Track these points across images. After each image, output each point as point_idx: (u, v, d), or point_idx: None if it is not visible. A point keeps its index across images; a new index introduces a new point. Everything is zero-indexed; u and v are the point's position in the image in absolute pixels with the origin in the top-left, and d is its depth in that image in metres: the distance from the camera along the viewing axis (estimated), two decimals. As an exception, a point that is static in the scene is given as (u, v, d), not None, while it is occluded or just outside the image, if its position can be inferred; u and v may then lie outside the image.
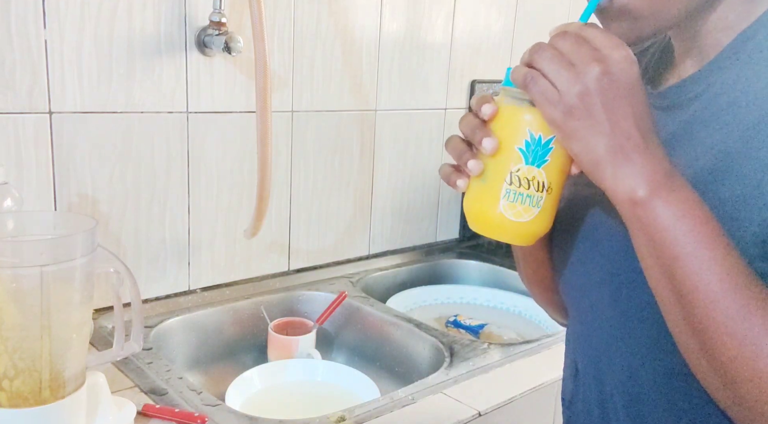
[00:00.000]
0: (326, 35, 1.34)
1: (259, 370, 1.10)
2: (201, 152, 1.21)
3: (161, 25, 1.12)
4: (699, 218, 0.48)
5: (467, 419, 0.91)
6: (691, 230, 0.48)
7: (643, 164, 0.49)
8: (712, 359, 0.48)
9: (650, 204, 0.48)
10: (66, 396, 0.72)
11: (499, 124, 0.55)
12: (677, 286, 0.48)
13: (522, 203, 0.54)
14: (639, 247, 0.51)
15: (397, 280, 1.52)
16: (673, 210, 0.48)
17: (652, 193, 0.48)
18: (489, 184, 0.55)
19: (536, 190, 0.54)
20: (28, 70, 1.01)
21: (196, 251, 1.25)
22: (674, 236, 0.48)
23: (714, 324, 0.47)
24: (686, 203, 0.48)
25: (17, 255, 0.68)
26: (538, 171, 0.54)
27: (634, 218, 0.50)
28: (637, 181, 0.48)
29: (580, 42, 0.49)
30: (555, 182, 0.54)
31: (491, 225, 0.56)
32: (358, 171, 1.47)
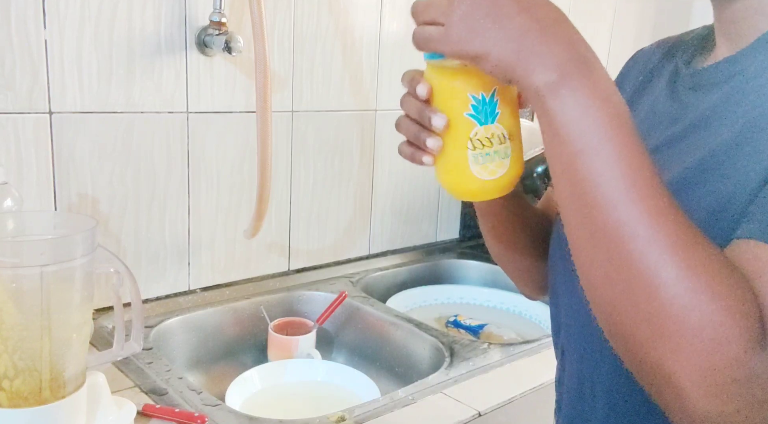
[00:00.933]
0: (326, 35, 1.34)
1: (259, 370, 1.10)
2: (201, 152, 1.21)
3: (161, 25, 1.12)
4: (609, 111, 0.45)
5: (467, 419, 0.91)
6: (597, 124, 0.44)
7: (549, 53, 0.46)
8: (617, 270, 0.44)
9: (555, 95, 0.45)
10: (66, 396, 0.72)
11: (439, 98, 0.55)
12: (578, 186, 0.45)
13: (492, 161, 0.54)
14: (546, 146, 0.48)
15: (397, 280, 1.52)
16: (580, 101, 0.45)
17: (558, 84, 0.45)
18: (454, 155, 0.55)
19: (500, 143, 0.54)
20: (28, 70, 1.01)
21: (196, 251, 1.25)
22: (578, 129, 0.45)
23: (617, 228, 0.43)
24: (595, 95, 0.45)
25: (17, 255, 0.68)
26: (494, 126, 0.54)
27: (541, 112, 0.47)
28: (545, 73, 0.46)
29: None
30: (513, 126, 0.55)
31: (471, 190, 0.56)
32: (358, 171, 1.47)
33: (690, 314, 0.41)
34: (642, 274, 0.43)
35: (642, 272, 0.42)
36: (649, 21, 2.09)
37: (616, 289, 0.44)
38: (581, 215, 0.46)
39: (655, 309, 0.42)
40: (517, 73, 0.47)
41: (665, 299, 0.42)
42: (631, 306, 0.43)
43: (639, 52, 0.75)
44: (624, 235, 0.43)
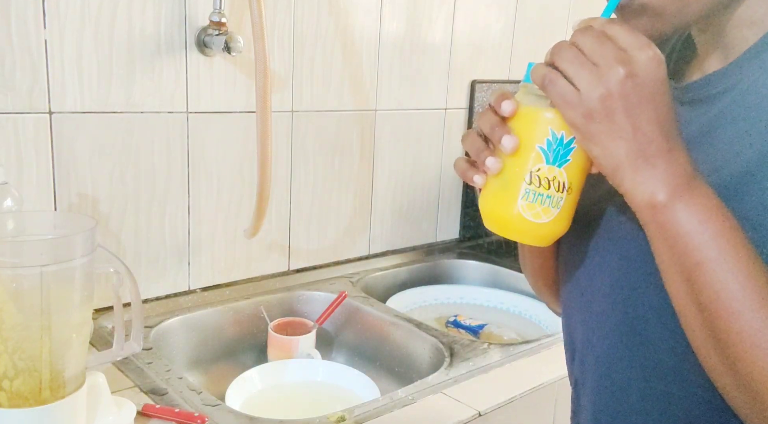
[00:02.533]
0: (326, 35, 1.34)
1: (259, 370, 1.10)
2: (201, 152, 1.21)
3: (161, 25, 1.12)
4: (722, 223, 0.47)
5: (467, 419, 0.91)
6: (714, 236, 0.46)
7: (665, 169, 0.47)
8: (735, 371, 0.47)
9: (671, 209, 0.47)
10: (66, 396, 0.72)
11: (519, 122, 0.53)
12: (699, 295, 0.47)
13: (541, 204, 0.53)
14: (659, 254, 0.49)
15: (397, 280, 1.52)
16: (695, 215, 0.47)
17: (673, 198, 0.47)
18: (507, 183, 0.53)
19: (556, 191, 0.52)
20: (28, 70, 1.01)
21: (196, 251, 1.25)
22: (696, 242, 0.47)
23: (737, 335, 0.46)
24: (709, 208, 0.47)
25: (17, 255, 0.68)
26: (559, 171, 0.52)
27: (654, 224, 0.48)
28: (657, 186, 0.47)
29: (604, 41, 0.47)
30: (575, 182, 0.53)
31: (508, 225, 0.54)
32: (358, 171, 1.47)
33: None
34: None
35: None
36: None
37: (743, 394, 0.47)
38: (702, 323, 0.47)
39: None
40: (625, 177, 0.48)
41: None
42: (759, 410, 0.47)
43: None
44: (747, 343, 0.45)
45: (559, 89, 0.48)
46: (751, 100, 0.52)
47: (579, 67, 0.47)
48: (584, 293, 0.64)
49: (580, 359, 0.67)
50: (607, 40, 0.47)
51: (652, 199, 0.47)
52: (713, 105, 0.55)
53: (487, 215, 0.56)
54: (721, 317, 0.46)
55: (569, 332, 0.69)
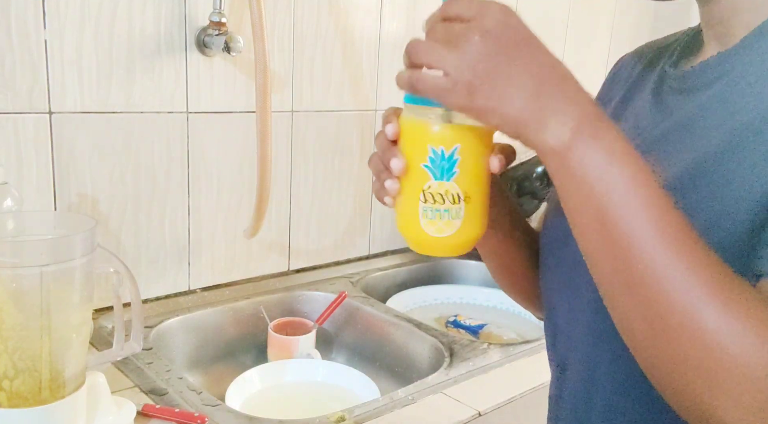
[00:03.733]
0: (326, 35, 1.34)
1: (259, 370, 1.10)
2: (201, 152, 1.21)
3: (161, 26, 1.12)
4: (628, 163, 0.45)
5: (467, 419, 0.91)
6: (621, 175, 0.44)
7: (563, 111, 0.45)
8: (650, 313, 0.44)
9: (575, 150, 0.45)
10: (66, 396, 0.72)
11: (404, 143, 0.54)
12: (606, 236, 0.45)
13: (441, 218, 0.53)
14: (566, 200, 0.47)
15: (397, 280, 1.52)
16: (601, 155, 0.45)
17: (576, 139, 0.45)
18: (407, 202, 0.54)
19: (452, 203, 0.53)
20: (28, 70, 1.01)
21: (196, 251, 1.25)
22: (604, 183, 0.44)
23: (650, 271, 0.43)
24: (614, 148, 0.45)
25: (17, 255, 0.68)
26: (449, 184, 0.52)
27: (560, 169, 0.46)
28: (559, 130, 0.45)
29: (447, 22, 0.47)
30: (472, 189, 0.53)
31: (419, 243, 0.55)
32: (358, 171, 1.47)
33: (738, 358, 0.41)
34: (684, 321, 0.42)
35: (683, 319, 0.42)
36: (649, 21, 2.09)
37: (658, 338, 0.44)
38: (613, 267, 0.45)
39: (702, 356, 0.42)
40: (529, 129, 0.46)
41: (711, 346, 0.42)
42: (676, 355, 0.43)
43: (621, 60, 0.74)
44: (660, 282, 0.43)
45: (429, 82, 0.47)
46: (742, 84, 0.53)
47: (437, 53, 0.46)
48: (565, 270, 0.64)
49: (565, 337, 0.66)
50: (451, 21, 0.47)
51: (555, 143, 0.45)
52: (706, 90, 0.55)
53: (401, 234, 0.57)
54: (631, 258, 0.44)
55: (550, 314, 0.69)
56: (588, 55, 1.92)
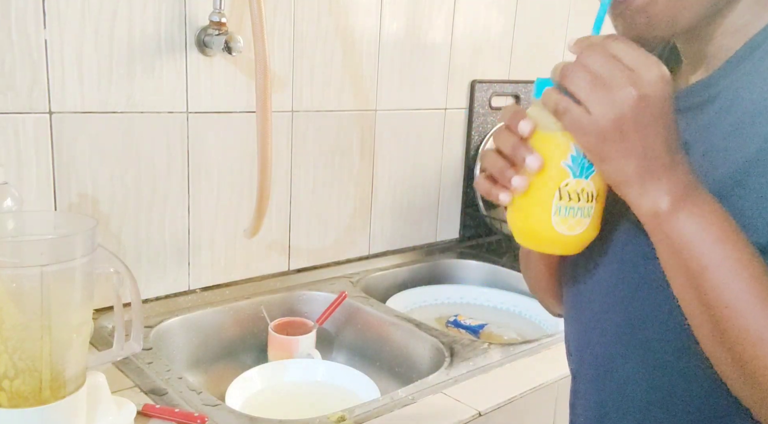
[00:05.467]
0: (326, 35, 1.34)
1: (259, 370, 1.10)
2: (201, 152, 1.21)
3: (161, 25, 1.12)
4: (723, 228, 0.49)
5: (467, 419, 0.91)
6: (716, 241, 0.48)
7: (668, 181, 0.49)
8: (741, 367, 0.48)
9: (674, 217, 0.49)
10: (66, 396, 0.72)
11: (539, 141, 0.53)
12: (705, 299, 0.49)
13: (574, 216, 0.54)
14: (665, 260, 0.51)
15: (397, 280, 1.52)
16: (698, 222, 0.49)
17: (676, 207, 0.49)
18: (537, 200, 0.54)
19: (587, 202, 0.54)
20: (28, 70, 1.01)
21: (196, 251, 1.25)
22: (700, 247, 0.48)
23: (742, 333, 0.47)
24: (710, 215, 0.49)
25: (17, 255, 0.68)
26: (586, 182, 0.53)
27: (659, 233, 0.50)
28: (661, 197, 0.49)
29: (611, 60, 0.48)
30: (602, 188, 0.54)
31: (544, 240, 0.56)
32: (358, 171, 1.47)
33: None
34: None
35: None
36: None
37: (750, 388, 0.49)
38: (710, 323, 0.49)
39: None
40: (632, 190, 0.50)
41: None
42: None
43: None
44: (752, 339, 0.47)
45: (574, 117, 0.49)
46: (733, 109, 0.54)
47: (590, 91, 0.48)
48: (584, 293, 0.65)
49: (578, 355, 0.68)
50: (615, 60, 0.48)
51: (657, 209, 0.49)
52: (697, 114, 0.56)
53: (519, 231, 0.57)
54: (727, 317, 0.48)
55: (568, 329, 0.71)
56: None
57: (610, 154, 0.49)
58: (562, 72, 0.50)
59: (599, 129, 0.48)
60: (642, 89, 0.47)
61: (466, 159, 1.67)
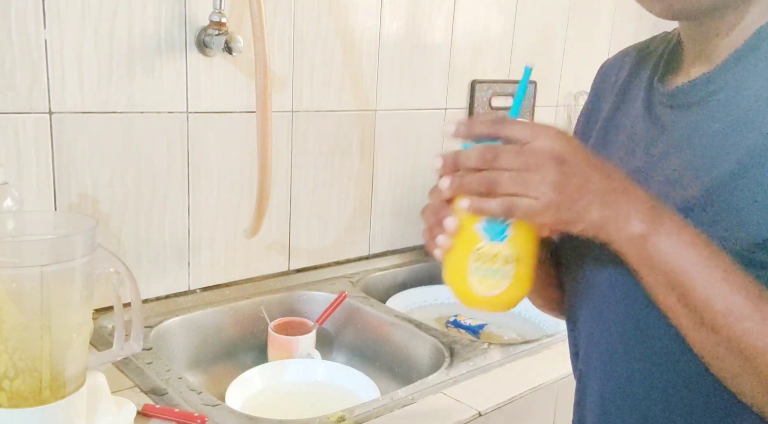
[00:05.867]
0: (326, 35, 1.34)
1: (259, 370, 1.10)
2: (201, 152, 1.21)
3: (161, 25, 1.12)
4: (701, 241, 0.50)
5: (467, 419, 0.91)
6: (698, 254, 0.50)
7: (632, 208, 0.51)
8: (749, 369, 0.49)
9: (651, 240, 0.51)
10: (66, 396, 0.72)
11: (458, 202, 0.55)
12: (699, 314, 0.50)
13: (492, 278, 0.56)
14: (649, 285, 0.52)
15: (397, 280, 1.52)
16: (673, 240, 0.50)
17: (651, 228, 0.51)
18: (457, 260, 0.57)
19: (503, 265, 0.55)
20: (28, 70, 1.01)
21: (196, 251, 1.25)
22: (681, 265, 0.50)
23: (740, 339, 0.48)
24: (682, 231, 0.51)
25: (17, 255, 0.68)
26: (501, 245, 0.55)
27: (638, 258, 0.52)
28: (633, 224, 0.51)
29: (517, 149, 0.52)
30: (523, 250, 0.56)
31: (467, 298, 0.58)
32: (358, 171, 1.47)
33: None
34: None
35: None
36: (649, 20, 2.09)
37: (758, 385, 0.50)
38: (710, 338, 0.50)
39: None
40: (607, 230, 0.52)
41: None
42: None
43: (605, 65, 0.74)
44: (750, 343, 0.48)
45: (523, 209, 0.52)
46: (735, 103, 0.54)
47: (522, 183, 0.51)
48: (586, 291, 0.65)
49: (585, 353, 0.68)
50: (519, 147, 0.52)
51: (631, 237, 0.51)
52: (699, 109, 0.57)
53: (449, 287, 0.60)
54: (724, 326, 0.49)
55: (573, 327, 0.71)
56: (588, 55, 1.92)
57: (571, 218, 0.52)
58: (488, 181, 0.53)
59: (549, 205, 0.51)
60: (556, 155, 0.51)
61: (466, 159, 1.67)
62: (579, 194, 0.51)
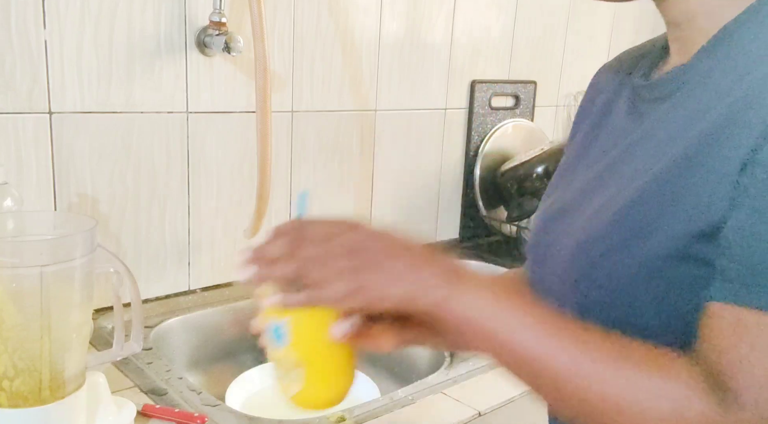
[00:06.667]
0: (326, 35, 1.34)
1: (259, 370, 1.10)
2: (201, 152, 1.21)
3: (161, 26, 1.12)
4: (500, 295, 0.53)
5: (467, 419, 0.91)
6: (502, 309, 0.53)
7: (429, 277, 0.54)
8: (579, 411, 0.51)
9: (453, 301, 0.53)
10: (66, 396, 0.72)
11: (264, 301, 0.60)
12: (513, 357, 0.53)
13: (285, 379, 0.60)
14: (470, 345, 0.55)
15: (397, 280, 1.51)
16: (472, 297, 0.53)
17: (450, 292, 0.53)
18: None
19: (291, 368, 0.59)
20: (28, 70, 1.01)
21: (196, 251, 1.25)
22: (489, 319, 0.53)
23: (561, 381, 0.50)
24: (483, 289, 0.54)
25: (17, 255, 0.68)
26: (286, 350, 0.59)
27: (449, 321, 0.54)
28: (433, 291, 0.54)
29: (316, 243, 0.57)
30: (310, 355, 0.59)
31: (286, 399, 0.62)
32: (358, 171, 1.47)
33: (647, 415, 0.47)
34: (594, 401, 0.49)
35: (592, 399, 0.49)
36: (649, 21, 2.09)
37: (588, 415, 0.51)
38: (530, 376, 0.53)
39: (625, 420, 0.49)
40: (417, 303, 0.55)
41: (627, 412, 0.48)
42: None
43: (602, 69, 0.74)
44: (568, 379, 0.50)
45: (330, 295, 0.55)
46: (697, 94, 0.54)
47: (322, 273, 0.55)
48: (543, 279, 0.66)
49: None
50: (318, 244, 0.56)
51: (435, 300, 0.54)
52: (670, 100, 0.57)
53: None
54: (538, 364, 0.51)
55: None
56: (588, 56, 1.92)
57: (376, 297, 0.55)
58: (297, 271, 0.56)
59: (351, 291, 0.54)
60: (349, 244, 0.55)
61: (465, 159, 1.67)
62: (376, 277, 0.54)
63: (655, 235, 0.51)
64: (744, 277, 0.46)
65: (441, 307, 0.54)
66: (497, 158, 1.70)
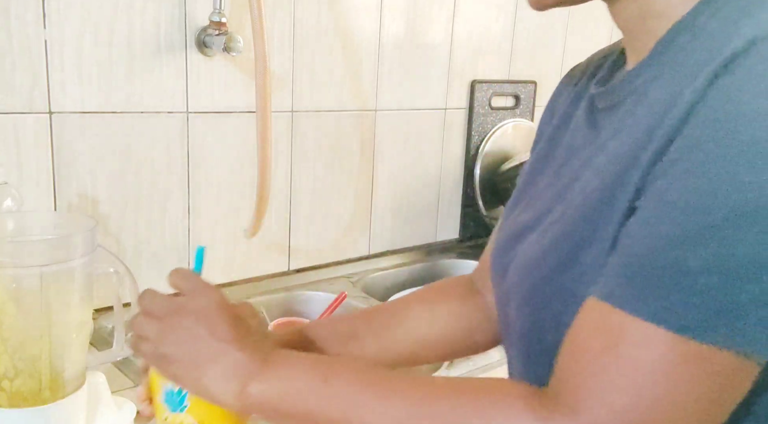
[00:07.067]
0: (326, 35, 1.34)
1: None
2: (201, 152, 1.21)
3: (161, 25, 1.12)
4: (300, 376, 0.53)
5: (467, 419, 0.91)
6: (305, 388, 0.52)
7: (222, 370, 0.54)
8: None
9: (251, 389, 0.53)
10: (66, 396, 0.72)
11: (151, 376, 0.61)
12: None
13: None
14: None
15: (398, 280, 1.52)
16: (272, 383, 0.53)
17: (246, 381, 0.53)
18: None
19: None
20: (28, 70, 1.01)
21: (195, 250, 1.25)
22: (289, 400, 0.53)
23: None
24: (280, 368, 0.54)
25: (17, 255, 0.68)
26: (184, 416, 0.59)
27: (253, 410, 0.54)
28: (232, 383, 0.53)
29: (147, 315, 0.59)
30: (208, 418, 0.59)
31: None
32: (358, 171, 1.47)
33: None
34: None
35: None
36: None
37: None
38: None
39: None
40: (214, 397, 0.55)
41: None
42: None
43: (573, 69, 0.71)
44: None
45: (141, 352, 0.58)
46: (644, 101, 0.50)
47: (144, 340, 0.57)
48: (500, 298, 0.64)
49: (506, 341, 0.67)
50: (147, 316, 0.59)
51: (232, 395, 0.53)
52: (622, 108, 0.53)
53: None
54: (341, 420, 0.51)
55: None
56: (588, 55, 1.92)
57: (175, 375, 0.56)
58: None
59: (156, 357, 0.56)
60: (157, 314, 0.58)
61: (465, 159, 1.67)
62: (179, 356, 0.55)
63: (577, 267, 0.49)
64: (620, 277, 0.44)
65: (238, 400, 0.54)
66: (497, 158, 1.70)
